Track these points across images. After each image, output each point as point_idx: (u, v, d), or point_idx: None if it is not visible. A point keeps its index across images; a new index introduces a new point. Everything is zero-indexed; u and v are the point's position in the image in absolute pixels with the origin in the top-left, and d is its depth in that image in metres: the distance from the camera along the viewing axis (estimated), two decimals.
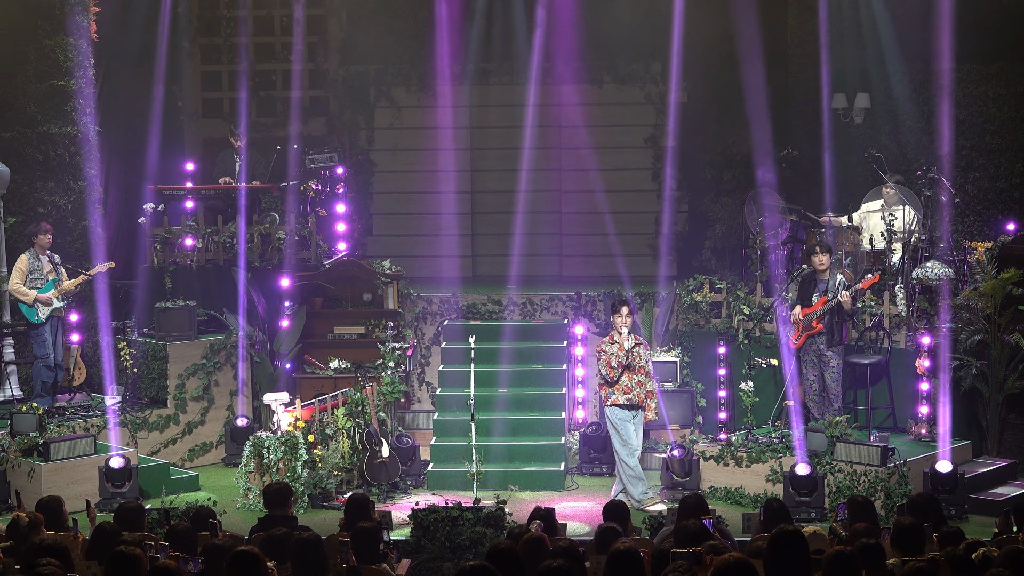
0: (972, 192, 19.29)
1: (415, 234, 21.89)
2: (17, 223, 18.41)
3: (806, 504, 14.94)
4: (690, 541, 9.86)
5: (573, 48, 21.53)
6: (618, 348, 15.45)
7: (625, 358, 15.41)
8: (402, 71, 22.02)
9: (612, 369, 15.44)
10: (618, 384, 15.48)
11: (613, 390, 15.51)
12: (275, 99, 22.02)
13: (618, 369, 15.42)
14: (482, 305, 19.29)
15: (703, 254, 20.71)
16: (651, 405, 15.64)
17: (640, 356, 15.57)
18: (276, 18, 22.10)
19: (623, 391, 15.48)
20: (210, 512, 11.86)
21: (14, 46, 18.54)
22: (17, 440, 16.05)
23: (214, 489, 16.55)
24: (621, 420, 15.52)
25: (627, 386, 15.47)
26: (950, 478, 14.97)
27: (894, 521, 10.58)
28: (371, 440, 16.32)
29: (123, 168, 20.29)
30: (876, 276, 16.37)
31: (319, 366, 18.63)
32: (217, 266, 18.88)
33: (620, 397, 15.49)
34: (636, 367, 15.50)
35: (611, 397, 15.54)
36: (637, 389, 15.48)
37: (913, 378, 16.37)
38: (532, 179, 21.91)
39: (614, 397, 15.52)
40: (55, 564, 9.01)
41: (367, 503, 11.85)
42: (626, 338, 15.47)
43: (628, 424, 15.51)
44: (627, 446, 15.51)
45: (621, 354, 15.40)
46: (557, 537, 10.75)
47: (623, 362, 15.41)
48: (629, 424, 15.51)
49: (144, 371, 18.12)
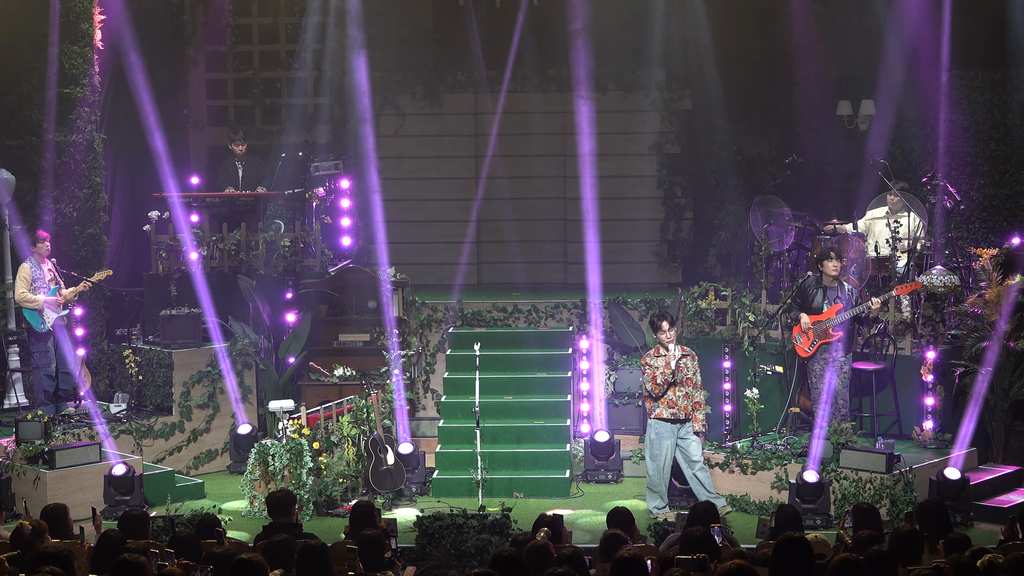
0: (977, 199, 19.26)
1: (420, 241, 21.90)
2: (22, 231, 18.42)
3: (812, 511, 14.92)
4: (695, 548, 9.86)
5: (578, 56, 21.55)
6: (664, 364, 15.22)
7: (672, 375, 15.20)
8: (407, 79, 22.05)
9: (657, 385, 15.22)
10: (663, 398, 15.28)
11: (658, 403, 15.30)
12: (280, 106, 22.04)
13: (663, 386, 15.19)
14: (487, 312, 19.28)
15: (708, 261, 20.71)
16: (698, 417, 15.40)
17: (688, 368, 15.35)
18: (281, 26, 22.12)
19: (668, 405, 15.25)
20: (215, 520, 11.84)
21: (19, 54, 18.54)
22: (22, 448, 16.05)
23: (219, 497, 16.55)
24: (658, 434, 15.31)
25: (672, 400, 15.25)
26: (957, 485, 14.96)
27: (894, 529, 10.58)
28: (376, 447, 16.31)
29: (128, 175, 20.31)
30: (919, 283, 16.36)
31: (324, 373, 18.63)
32: (222, 273, 18.89)
33: (664, 411, 15.27)
34: (684, 379, 15.29)
35: (655, 410, 15.34)
36: (683, 402, 15.26)
37: (918, 385, 16.35)
38: (537, 186, 21.95)
39: (658, 411, 15.31)
40: (58, 572, 9.00)
41: (372, 510, 11.84)
42: (672, 355, 15.27)
43: (664, 440, 15.27)
44: (656, 460, 15.35)
45: (667, 371, 15.18)
46: (562, 544, 10.74)
47: (668, 379, 15.19)
48: (665, 440, 15.28)
49: (149, 379, 18.12)
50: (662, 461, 15.36)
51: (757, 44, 19.74)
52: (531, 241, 22.00)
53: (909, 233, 17.25)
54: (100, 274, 17.84)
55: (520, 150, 21.95)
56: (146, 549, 9.78)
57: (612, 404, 17.97)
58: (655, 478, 15.45)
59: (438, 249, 21.92)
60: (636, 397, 17.96)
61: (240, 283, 18.65)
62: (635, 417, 17.93)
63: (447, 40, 22.05)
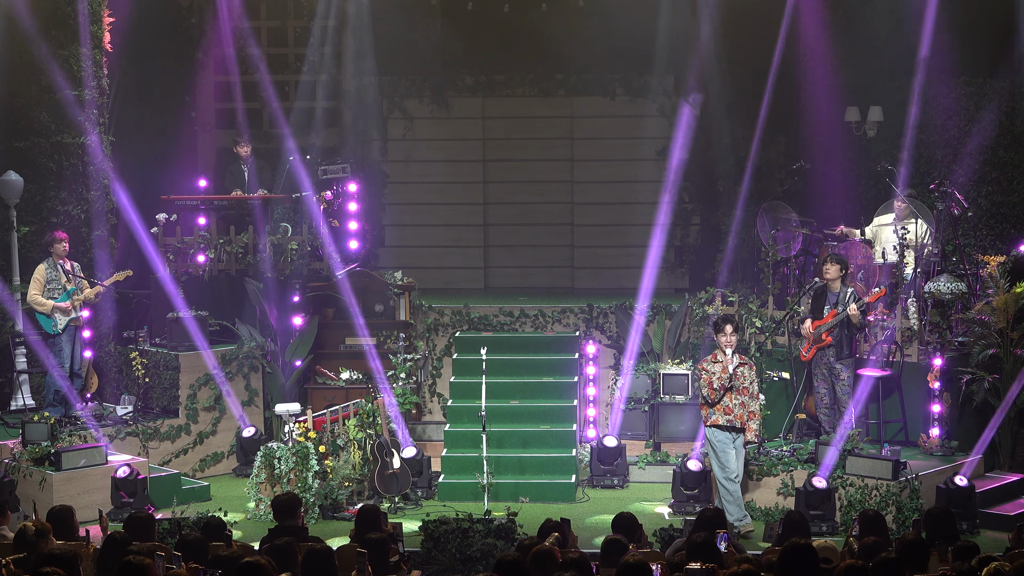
0: (985, 206, 19.23)
1: (427, 245, 21.91)
2: (30, 232, 18.44)
3: (819, 518, 14.90)
4: (698, 553, 9.86)
5: (586, 60, 21.58)
6: (721, 369, 15.01)
7: (728, 380, 14.99)
8: (415, 82, 22.07)
9: (714, 391, 14.99)
10: (719, 404, 15.07)
11: (713, 410, 15.06)
12: (288, 109, 22.03)
13: (720, 391, 14.96)
14: (494, 317, 19.29)
15: (715, 267, 20.70)
16: (751, 426, 15.16)
17: (745, 376, 15.11)
18: (290, 29, 22.14)
19: (724, 412, 15.01)
20: (220, 523, 11.84)
21: (28, 56, 18.55)
22: (29, 450, 16.06)
23: (224, 500, 16.55)
24: (720, 442, 15.06)
25: (728, 407, 15.01)
26: (963, 492, 14.94)
27: (900, 536, 10.57)
28: (382, 451, 16.31)
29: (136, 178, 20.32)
30: (883, 290, 16.33)
31: (331, 377, 18.63)
32: (229, 276, 18.90)
33: (720, 418, 15.02)
34: (740, 388, 15.09)
35: (711, 418, 15.08)
36: (739, 410, 15.02)
37: (925, 392, 16.33)
38: (545, 191, 21.97)
39: (714, 418, 15.05)
40: (60, 574, 8.99)
41: (378, 514, 11.84)
42: (730, 360, 15.05)
43: (728, 447, 15.04)
44: (725, 469, 15.05)
45: (724, 376, 14.96)
46: (568, 549, 10.73)
47: (725, 384, 14.97)
48: (728, 447, 15.04)
49: (156, 381, 18.14)
50: (732, 467, 15.03)
51: (765, 50, 19.72)
52: (538, 246, 22.01)
53: (916, 240, 17.24)
54: (120, 275, 17.84)
55: (527, 154, 21.97)
56: (152, 551, 9.78)
57: (618, 409, 17.97)
58: (729, 487, 15.07)
59: (445, 253, 21.93)
60: (643, 403, 17.98)
61: (247, 286, 18.67)
62: (642, 422, 17.94)
63: (455, 44, 22.06)
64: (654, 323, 18.71)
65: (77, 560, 9.50)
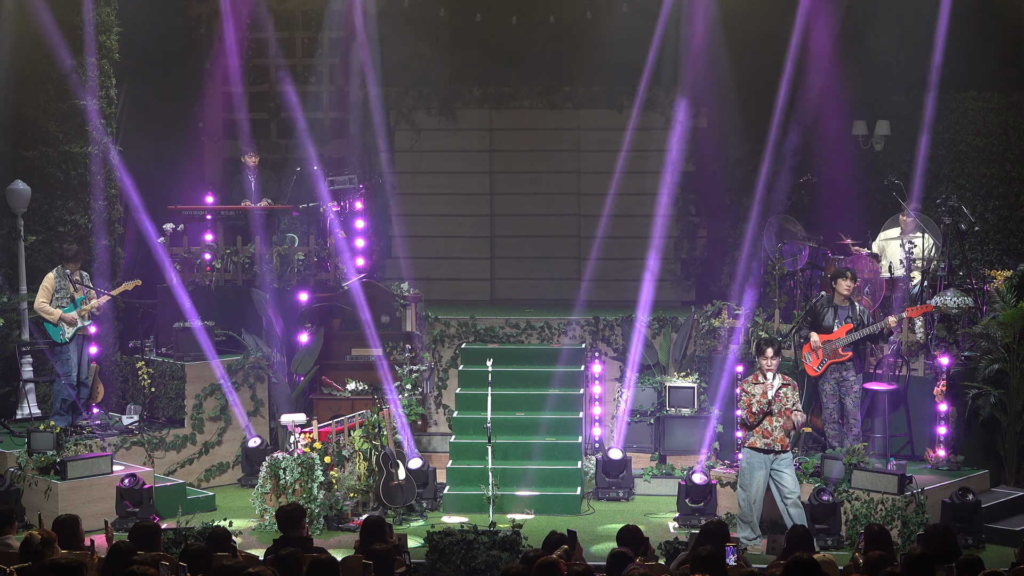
0: (992, 220, 19.24)
1: (433, 256, 21.92)
2: (38, 241, 18.46)
3: (824, 531, 14.88)
4: (702, 567, 9.86)
5: (594, 73, 21.59)
6: (761, 393, 14.87)
7: (768, 404, 14.84)
8: (422, 94, 22.10)
9: (752, 414, 14.88)
10: (758, 427, 14.93)
11: (752, 432, 14.96)
12: (295, 120, 22.04)
13: (759, 415, 14.85)
14: (500, 328, 19.30)
15: (721, 280, 20.68)
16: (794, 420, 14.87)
17: (787, 398, 14.93)
18: (298, 40, 22.17)
19: (762, 435, 14.88)
20: (226, 533, 11.84)
21: (36, 66, 18.59)
22: (34, 458, 16.07)
23: (229, 510, 16.54)
24: (750, 465, 14.94)
25: (767, 430, 14.89)
26: (969, 507, 14.92)
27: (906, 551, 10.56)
28: (387, 462, 16.31)
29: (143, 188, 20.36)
30: (929, 306, 16.32)
31: (336, 387, 18.64)
32: (236, 287, 18.92)
33: (758, 440, 14.90)
34: (781, 410, 14.91)
35: (749, 439, 15.01)
36: (779, 433, 14.87)
37: (931, 406, 16.31)
38: (552, 203, 21.98)
39: (752, 440, 14.95)
40: None
41: (383, 525, 11.85)
42: (770, 384, 14.91)
43: (756, 471, 14.89)
44: (746, 491, 14.96)
45: (764, 400, 14.82)
46: (574, 561, 10.72)
47: (764, 409, 14.84)
48: (757, 471, 14.89)
49: (162, 391, 18.15)
50: (753, 492, 14.92)
51: (772, 63, 19.72)
52: (545, 258, 22.02)
53: (923, 254, 17.23)
54: (128, 284, 17.85)
55: (535, 167, 21.99)
56: (156, 561, 9.78)
57: (624, 422, 17.98)
58: (745, 508, 15.02)
59: (451, 264, 21.94)
60: (649, 415, 17.98)
61: (253, 296, 18.69)
62: (647, 435, 17.94)
63: (463, 56, 22.09)
64: (660, 336, 18.71)
65: (83, 570, 9.51)
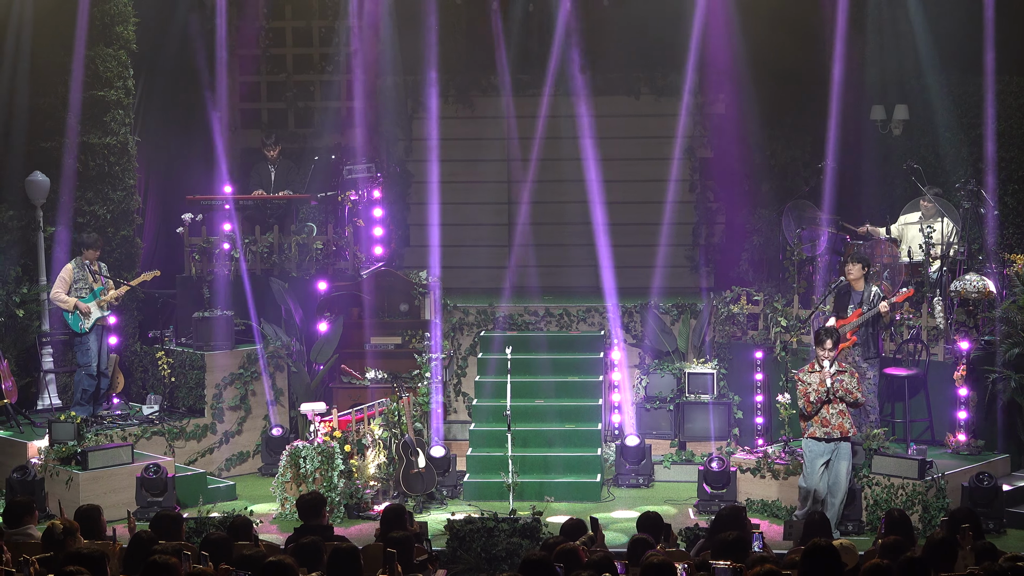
0: (1011, 204, 19.15)
1: (452, 244, 21.88)
2: (56, 232, 18.51)
3: (845, 517, 14.87)
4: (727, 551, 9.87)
5: (611, 59, 21.54)
6: (818, 382, 14.78)
7: (826, 393, 14.73)
8: (440, 82, 22.04)
9: (810, 403, 14.80)
10: (816, 416, 14.86)
11: (811, 422, 14.88)
12: (313, 109, 22.06)
13: (816, 404, 14.76)
14: (519, 316, 19.29)
15: (740, 266, 20.63)
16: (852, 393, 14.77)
17: (845, 384, 14.82)
18: (315, 29, 22.15)
19: (821, 423, 14.79)
20: (247, 522, 11.88)
21: (55, 57, 18.63)
22: (55, 449, 16.13)
23: (250, 499, 16.59)
24: (811, 453, 14.85)
25: (825, 418, 14.81)
26: (989, 492, 14.89)
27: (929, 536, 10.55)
28: (407, 450, 16.33)
29: (161, 178, 20.41)
30: (911, 291, 16.29)
31: (356, 376, 18.67)
32: (254, 276, 18.94)
33: (817, 430, 14.80)
34: (838, 398, 14.82)
35: (808, 429, 14.91)
36: (837, 420, 14.75)
37: (951, 391, 16.27)
38: (569, 190, 21.92)
39: (811, 430, 14.85)
40: (85, 573, 9.02)
41: (403, 513, 11.86)
42: (827, 372, 14.81)
43: (817, 460, 14.81)
44: (807, 479, 14.86)
45: (822, 389, 14.73)
46: (594, 548, 10.73)
47: (823, 397, 14.75)
48: (819, 460, 14.81)
49: (182, 381, 18.19)
50: (814, 480, 14.84)
51: (791, 48, 19.66)
52: (563, 245, 21.96)
53: (943, 239, 17.18)
54: (147, 275, 17.89)
55: (552, 154, 21.93)
56: (178, 550, 9.81)
57: (644, 409, 17.99)
58: (802, 499, 15.00)
59: (470, 252, 21.90)
60: (667, 402, 17.97)
61: (272, 286, 18.71)
62: (667, 421, 17.94)
63: (479, 43, 22.04)
64: (679, 322, 18.70)
65: (105, 560, 9.54)
